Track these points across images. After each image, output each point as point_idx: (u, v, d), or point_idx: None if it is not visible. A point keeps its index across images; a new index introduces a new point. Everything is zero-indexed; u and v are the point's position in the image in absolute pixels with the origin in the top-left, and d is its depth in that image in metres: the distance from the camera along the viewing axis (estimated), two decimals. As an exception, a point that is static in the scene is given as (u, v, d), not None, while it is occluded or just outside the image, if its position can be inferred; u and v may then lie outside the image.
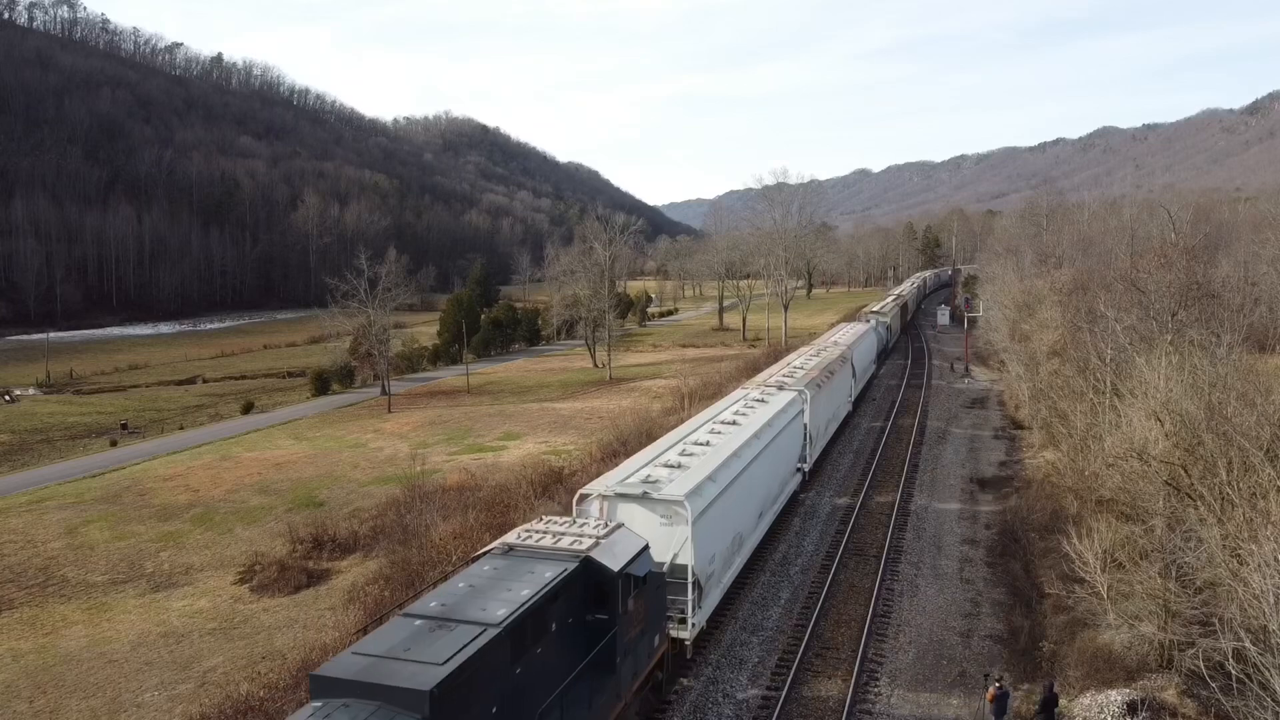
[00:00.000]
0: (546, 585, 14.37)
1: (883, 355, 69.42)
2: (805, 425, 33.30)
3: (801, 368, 40.44)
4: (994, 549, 29.05)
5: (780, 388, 34.37)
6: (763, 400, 31.86)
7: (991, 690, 18.27)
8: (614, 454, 38.98)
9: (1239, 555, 16.46)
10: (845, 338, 54.56)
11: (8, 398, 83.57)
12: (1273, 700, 13.56)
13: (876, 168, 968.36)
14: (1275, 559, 14.13)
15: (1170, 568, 19.10)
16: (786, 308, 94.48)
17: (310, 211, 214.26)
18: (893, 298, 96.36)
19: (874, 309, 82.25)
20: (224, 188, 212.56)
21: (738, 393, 34.37)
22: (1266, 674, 13.64)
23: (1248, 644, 14.02)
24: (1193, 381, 23.48)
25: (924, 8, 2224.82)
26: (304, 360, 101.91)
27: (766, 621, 23.83)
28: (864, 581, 26.38)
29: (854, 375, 47.99)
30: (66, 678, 26.10)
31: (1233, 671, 14.86)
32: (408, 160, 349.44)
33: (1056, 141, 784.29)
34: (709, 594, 21.21)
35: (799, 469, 32.72)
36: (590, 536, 16.80)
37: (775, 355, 65.95)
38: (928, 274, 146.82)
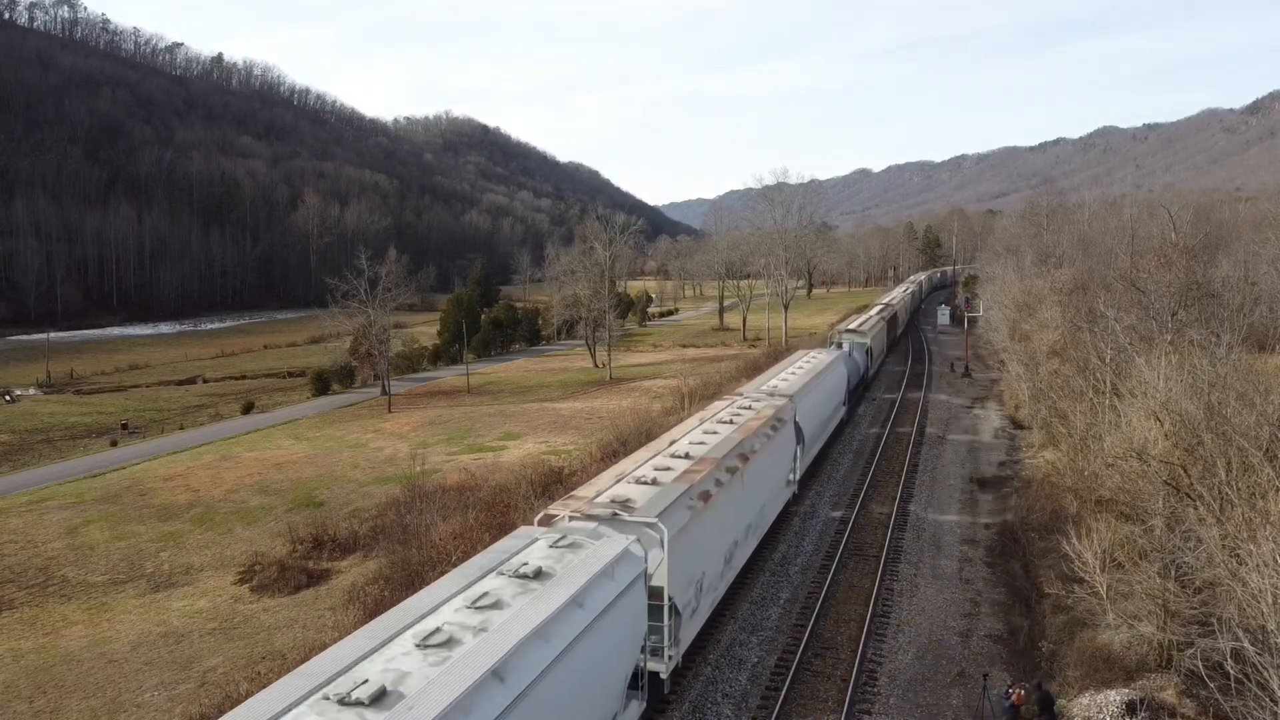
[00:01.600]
0: None
1: (859, 390, 52.88)
2: (662, 589, 18.21)
3: (685, 456, 22.90)
4: (993, 549, 29.12)
5: (614, 517, 18.17)
6: (543, 574, 14.82)
7: (1019, 694, 18.30)
8: (614, 454, 38.93)
9: (1238, 555, 16.47)
10: (792, 381, 36.88)
11: (8, 398, 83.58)
12: (1271, 700, 13.57)
13: (876, 168, 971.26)
14: (1274, 559, 14.15)
15: (1169, 568, 19.13)
16: (787, 308, 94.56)
17: (310, 211, 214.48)
18: (877, 309, 77.67)
19: (849, 326, 63.66)
20: (224, 188, 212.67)
21: (518, 536, 17.17)
22: (1265, 674, 13.65)
23: (1246, 644, 14.04)
24: (1192, 381, 23.50)
25: (924, 8, 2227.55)
26: (304, 360, 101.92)
27: None
28: None
29: (801, 441, 32.63)
30: (66, 678, 26.13)
31: (1231, 671, 14.86)
32: (408, 160, 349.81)
33: (1057, 141, 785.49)
34: None
35: (642, 671, 17.41)
36: None
37: (775, 356, 65.83)
38: (923, 276, 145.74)
